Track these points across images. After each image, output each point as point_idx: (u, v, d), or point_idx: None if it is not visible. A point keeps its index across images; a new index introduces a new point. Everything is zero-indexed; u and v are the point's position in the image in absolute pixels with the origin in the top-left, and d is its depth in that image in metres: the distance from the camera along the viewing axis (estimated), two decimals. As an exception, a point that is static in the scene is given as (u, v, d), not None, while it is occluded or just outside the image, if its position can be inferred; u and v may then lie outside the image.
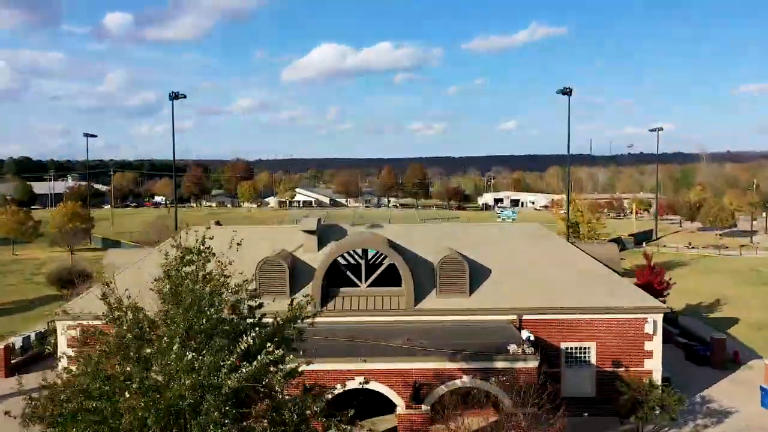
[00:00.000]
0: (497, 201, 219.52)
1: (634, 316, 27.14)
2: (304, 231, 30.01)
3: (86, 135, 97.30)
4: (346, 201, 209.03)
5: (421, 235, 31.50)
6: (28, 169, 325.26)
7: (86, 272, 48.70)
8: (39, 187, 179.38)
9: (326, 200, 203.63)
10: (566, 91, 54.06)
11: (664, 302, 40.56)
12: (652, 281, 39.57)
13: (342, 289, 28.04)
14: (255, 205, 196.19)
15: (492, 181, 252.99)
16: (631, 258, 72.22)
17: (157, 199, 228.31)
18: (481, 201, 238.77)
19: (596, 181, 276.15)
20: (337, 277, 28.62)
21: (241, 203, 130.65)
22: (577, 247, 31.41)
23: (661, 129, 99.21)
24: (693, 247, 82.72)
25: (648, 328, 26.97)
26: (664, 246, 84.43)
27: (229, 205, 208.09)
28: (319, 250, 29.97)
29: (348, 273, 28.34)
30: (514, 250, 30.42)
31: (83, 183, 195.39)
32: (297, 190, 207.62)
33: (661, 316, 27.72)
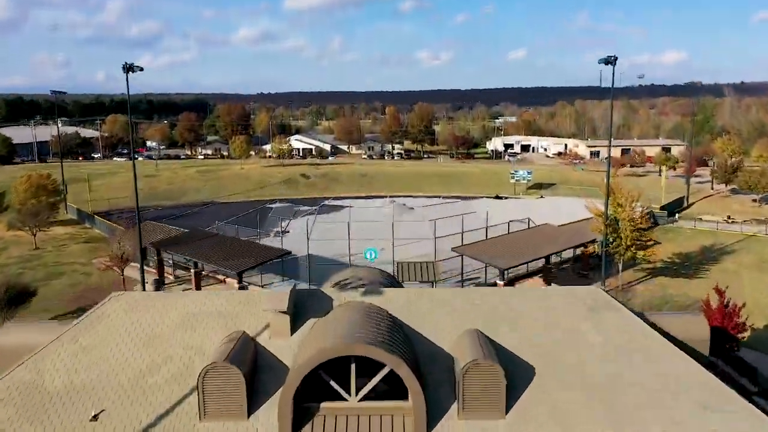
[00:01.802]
0: (507, 147, 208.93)
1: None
2: (274, 311, 21.36)
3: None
4: (348, 148, 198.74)
5: (435, 307, 22.75)
6: (19, 111, 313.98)
7: (28, 290, 40.55)
8: (21, 135, 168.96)
9: (327, 147, 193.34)
10: (610, 61, 44.00)
11: (737, 348, 32.44)
12: (726, 325, 31.24)
13: (323, 405, 19.63)
14: (253, 153, 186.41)
15: (502, 128, 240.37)
16: (667, 239, 63.65)
17: (149, 143, 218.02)
18: (489, 146, 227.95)
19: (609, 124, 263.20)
20: (315, 387, 20.22)
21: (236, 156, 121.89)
22: (645, 319, 22.82)
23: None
24: (733, 221, 73.91)
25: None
26: (700, 219, 75.54)
27: (225, 153, 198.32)
28: (293, 332, 21.43)
29: (331, 382, 19.91)
30: (565, 332, 21.81)
31: (71, 130, 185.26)
32: (296, 137, 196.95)
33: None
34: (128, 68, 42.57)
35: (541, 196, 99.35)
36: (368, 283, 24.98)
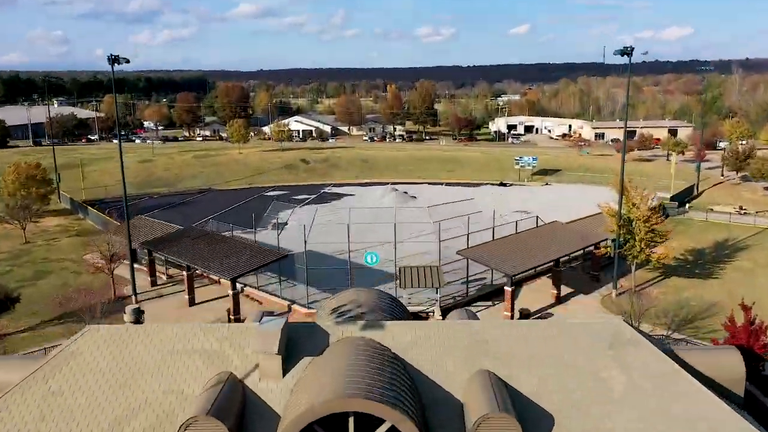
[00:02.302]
0: (510, 128, 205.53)
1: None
2: (263, 353, 19.24)
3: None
4: (349, 129, 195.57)
5: (443, 344, 20.54)
6: (16, 90, 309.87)
7: (10, 296, 38.53)
8: (15, 116, 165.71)
9: (327, 129, 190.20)
10: (626, 51, 41.36)
11: (762, 368, 30.42)
12: (752, 344, 29.17)
13: (317, 462, 17.71)
14: (252, 135, 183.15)
15: (506, 108, 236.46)
16: (678, 232, 61.24)
17: (147, 124, 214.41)
18: (492, 127, 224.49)
19: (615, 103, 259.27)
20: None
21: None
22: (675, 356, 20.68)
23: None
24: (745, 212, 71.59)
25: None
26: (711, 210, 73.22)
27: (224, 134, 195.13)
28: (286, 373, 19.37)
29: (327, 435, 17.89)
30: (587, 374, 19.68)
31: (67, 111, 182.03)
32: (296, 118, 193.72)
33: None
34: (113, 60, 40.00)
35: (547, 183, 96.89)
36: (368, 310, 22.82)
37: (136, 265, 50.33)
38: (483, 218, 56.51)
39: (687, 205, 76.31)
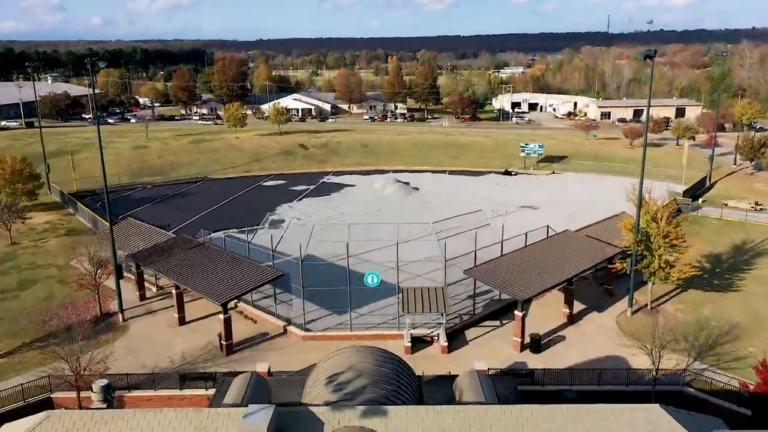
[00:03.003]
0: (514, 105, 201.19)
1: None
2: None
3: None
4: (349, 107, 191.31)
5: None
6: (9, 63, 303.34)
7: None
8: (7, 94, 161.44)
9: (327, 107, 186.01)
10: (650, 55, 38.18)
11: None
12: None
13: None
14: (250, 113, 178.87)
15: (510, 87, 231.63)
16: (693, 233, 58.59)
17: (143, 101, 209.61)
18: (496, 104, 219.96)
19: (621, 77, 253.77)
20: None
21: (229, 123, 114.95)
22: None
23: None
24: (761, 209, 68.82)
25: None
26: (725, 205, 70.37)
27: (220, 112, 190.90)
28: (273, 470, 16.91)
29: None
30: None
31: (60, 90, 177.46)
32: (295, 96, 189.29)
33: None
34: (92, 64, 36.83)
35: (553, 172, 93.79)
36: (369, 381, 20.25)
37: (124, 273, 47.97)
38: (492, 232, 53.79)
39: (700, 200, 73.43)
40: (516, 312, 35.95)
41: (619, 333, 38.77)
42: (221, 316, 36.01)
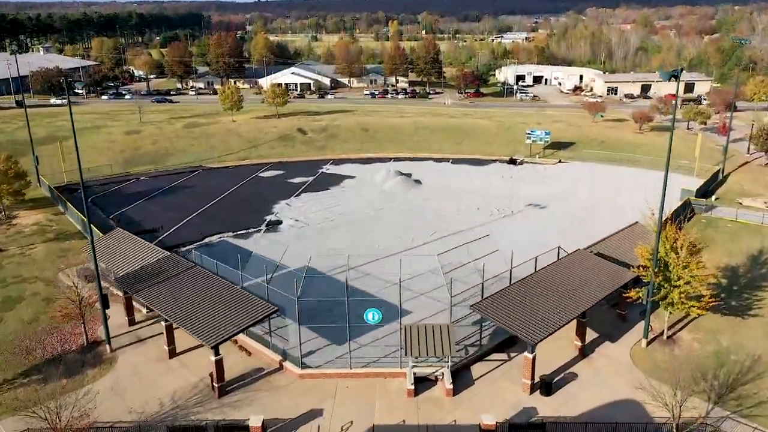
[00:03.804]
0: (519, 78, 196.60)
1: None
2: None
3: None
4: (349, 81, 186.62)
5: None
6: (1, 29, 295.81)
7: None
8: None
9: (326, 81, 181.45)
10: (675, 74, 35.11)
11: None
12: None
13: None
14: (247, 87, 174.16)
15: (515, 59, 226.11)
16: (708, 239, 56.16)
17: (137, 73, 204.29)
18: (499, 76, 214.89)
19: (628, 45, 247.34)
20: None
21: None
22: None
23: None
24: (776, 208, 66.19)
25: None
26: (740, 204, 67.73)
27: (217, 86, 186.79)
28: None
29: None
30: None
31: (51, 66, 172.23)
32: (293, 70, 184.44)
33: None
34: (67, 85, 33.78)
35: (560, 161, 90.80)
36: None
37: (113, 292, 45.84)
38: (500, 258, 51.32)
39: (714, 197, 70.70)
40: (526, 354, 33.80)
41: (634, 369, 36.69)
42: (212, 357, 33.86)
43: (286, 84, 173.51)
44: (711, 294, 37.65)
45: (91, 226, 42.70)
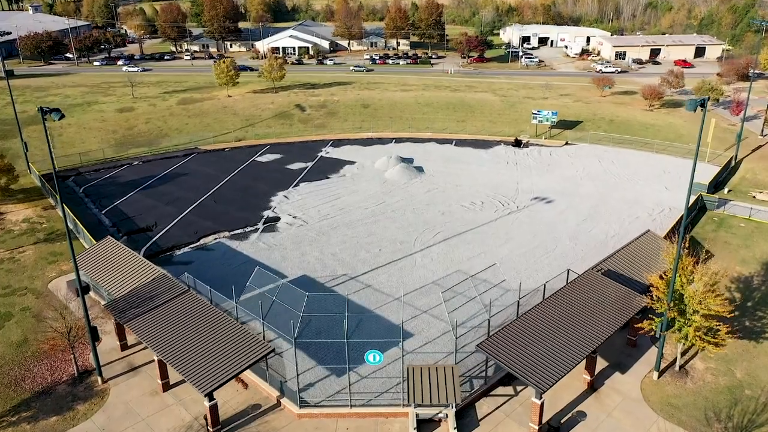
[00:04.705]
0: (524, 40, 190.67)
1: None
2: None
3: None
4: (348, 44, 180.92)
5: None
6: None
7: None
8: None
9: (325, 44, 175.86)
10: (702, 103, 32.46)
11: None
12: None
13: None
14: (244, 49, 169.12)
15: (519, 20, 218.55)
16: (719, 242, 54.47)
17: (130, 34, 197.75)
18: (504, 37, 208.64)
19: (636, 3, 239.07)
20: None
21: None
22: None
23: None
24: (792, 203, 64.00)
25: None
26: (753, 198, 65.57)
27: (213, 49, 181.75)
28: None
29: None
30: None
31: (40, 30, 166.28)
32: (291, 33, 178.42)
33: None
34: (43, 114, 31.26)
35: (567, 143, 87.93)
36: None
37: (101, 302, 44.29)
38: (509, 293, 49.28)
39: (726, 189, 68.38)
40: (534, 400, 32.35)
41: (645, 407, 35.36)
42: (206, 403, 32.46)
43: (284, 48, 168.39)
44: (727, 330, 35.87)
45: (74, 253, 40.61)
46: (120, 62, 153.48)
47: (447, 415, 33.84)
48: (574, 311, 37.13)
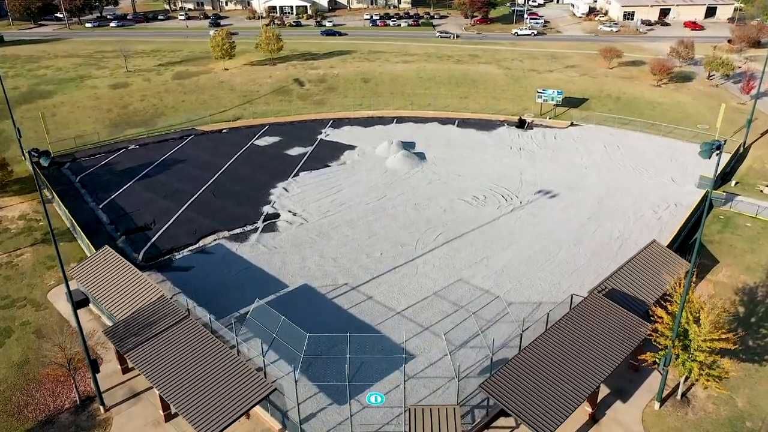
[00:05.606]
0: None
1: None
2: None
3: None
4: (348, 2, 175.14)
5: None
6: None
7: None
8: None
9: (324, 3, 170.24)
10: (718, 146, 31.08)
11: None
12: None
13: None
14: (240, 8, 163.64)
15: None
16: (723, 245, 53.82)
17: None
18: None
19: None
20: None
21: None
22: None
23: None
24: (801, 199, 62.87)
25: None
26: (761, 192, 64.45)
27: (208, 8, 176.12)
28: None
29: None
30: None
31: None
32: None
33: None
34: (34, 158, 30.02)
35: (572, 123, 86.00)
36: None
37: (101, 316, 44.15)
38: (510, 316, 48.39)
39: (733, 182, 67.12)
40: (535, 442, 32.38)
41: (645, 439, 35.57)
42: (209, 445, 32.51)
43: (281, 7, 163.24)
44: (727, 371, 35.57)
45: (69, 287, 39.97)
46: (112, 24, 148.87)
47: (448, 452, 34.00)
48: (578, 342, 36.83)
